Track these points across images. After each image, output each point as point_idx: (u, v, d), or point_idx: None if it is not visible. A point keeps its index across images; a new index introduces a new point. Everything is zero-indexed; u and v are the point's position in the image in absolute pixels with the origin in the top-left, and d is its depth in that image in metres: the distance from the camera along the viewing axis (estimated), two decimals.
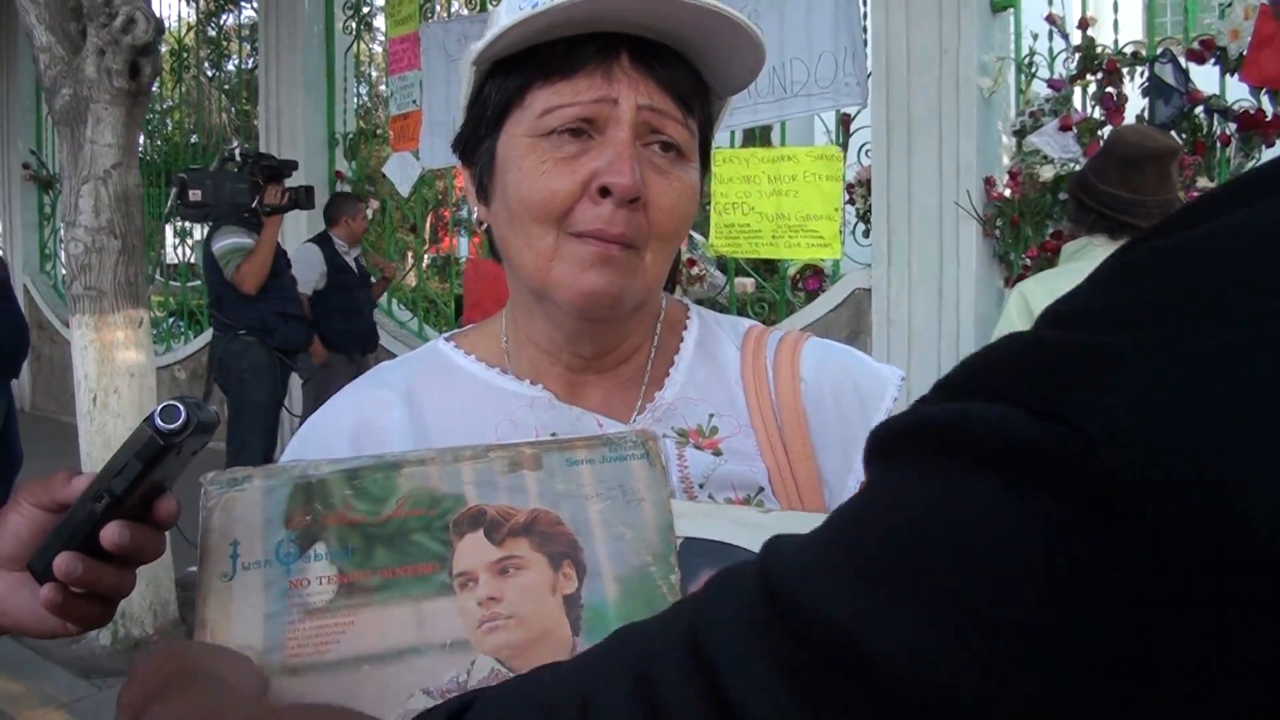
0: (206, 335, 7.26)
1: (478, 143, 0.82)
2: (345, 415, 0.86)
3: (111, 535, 0.64)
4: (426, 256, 7.70)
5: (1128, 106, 4.11)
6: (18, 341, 4.44)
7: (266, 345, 4.80)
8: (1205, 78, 3.91)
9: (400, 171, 6.42)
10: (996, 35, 4.41)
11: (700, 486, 0.79)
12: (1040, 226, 4.19)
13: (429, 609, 0.68)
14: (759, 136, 5.56)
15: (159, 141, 9.91)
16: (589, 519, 0.71)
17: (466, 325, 1.02)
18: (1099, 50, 4.15)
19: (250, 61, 9.27)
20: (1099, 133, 3.96)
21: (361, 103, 7.82)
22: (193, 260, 8.53)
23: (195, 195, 4.41)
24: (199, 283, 7.90)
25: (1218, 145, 3.85)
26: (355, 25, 6.97)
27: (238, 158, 4.87)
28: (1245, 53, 3.69)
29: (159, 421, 0.62)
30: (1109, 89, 4.10)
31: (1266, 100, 3.76)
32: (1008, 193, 4.27)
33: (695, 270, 5.46)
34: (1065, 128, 4.10)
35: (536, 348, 0.85)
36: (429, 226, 7.22)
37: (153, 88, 3.90)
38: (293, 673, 0.67)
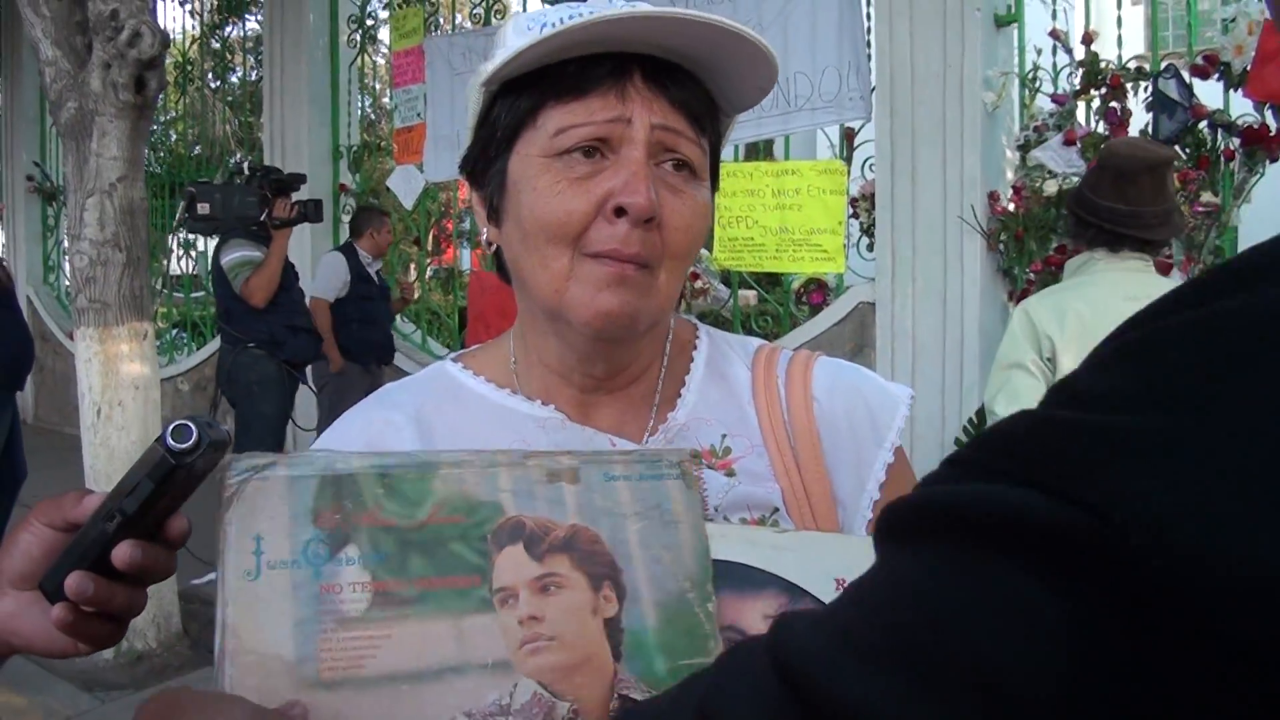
0: (210, 347, 7.27)
1: (488, 164, 0.82)
2: (356, 436, 0.85)
3: (123, 555, 0.64)
4: (429, 269, 7.69)
5: (1132, 121, 4.12)
6: (22, 353, 4.44)
7: (275, 358, 4.81)
8: (1209, 93, 3.92)
9: (404, 185, 6.45)
10: (1000, 50, 4.43)
11: (715, 508, 0.79)
12: (1044, 241, 4.19)
13: (469, 625, 0.65)
14: (762, 150, 5.57)
15: (162, 153, 9.94)
16: (628, 539, 0.69)
17: (470, 338, 1.02)
18: (1103, 65, 4.16)
19: (254, 74, 9.32)
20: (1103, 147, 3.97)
21: (366, 115, 7.82)
22: (196, 272, 8.54)
23: (204, 208, 4.43)
24: (202, 294, 7.92)
25: (1221, 160, 3.85)
26: (360, 38, 6.99)
27: (245, 171, 4.88)
28: (1249, 68, 3.70)
29: (170, 441, 0.62)
30: (1113, 104, 4.11)
31: (1270, 115, 3.77)
32: (1011, 207, 4.28)
33: (699, 284, 5.46)
34: (1069, 142, 4.11)
35: (547, 368, 0.85)
36: (432, 239, 7.21)
37: (158, 101, 3.91)
38: (328, 688, 0.63)
